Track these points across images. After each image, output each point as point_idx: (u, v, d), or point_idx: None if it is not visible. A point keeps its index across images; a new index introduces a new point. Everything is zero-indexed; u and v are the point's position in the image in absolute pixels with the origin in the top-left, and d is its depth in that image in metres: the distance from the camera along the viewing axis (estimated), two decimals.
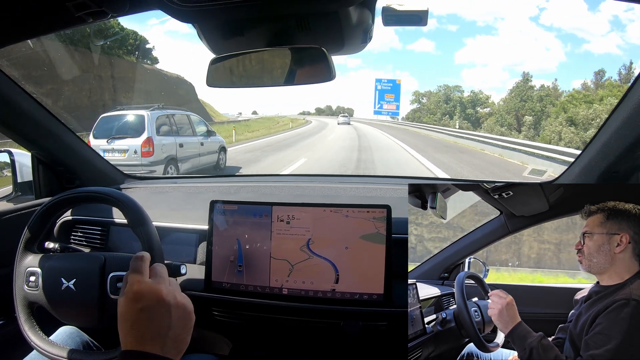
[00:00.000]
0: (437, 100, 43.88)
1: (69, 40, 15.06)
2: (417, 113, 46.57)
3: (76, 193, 1.00)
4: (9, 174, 1.44)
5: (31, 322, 0.97)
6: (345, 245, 0.99)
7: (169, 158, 6.33)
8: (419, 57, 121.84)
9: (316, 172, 8.10)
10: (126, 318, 0.55)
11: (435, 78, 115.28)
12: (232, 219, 1.05)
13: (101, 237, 1.27)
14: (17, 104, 1.13)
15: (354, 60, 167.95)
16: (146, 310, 0.55)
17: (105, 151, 5.83)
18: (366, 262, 0.98)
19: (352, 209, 0.99)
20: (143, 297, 0.56)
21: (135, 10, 0.81)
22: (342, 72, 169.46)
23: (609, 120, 0.98)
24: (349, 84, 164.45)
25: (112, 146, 6.02)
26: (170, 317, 0.55)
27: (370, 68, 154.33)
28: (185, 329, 0.57)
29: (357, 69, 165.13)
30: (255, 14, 0.75)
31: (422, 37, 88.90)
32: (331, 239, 1.00)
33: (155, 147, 6.05)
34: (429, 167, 8.88)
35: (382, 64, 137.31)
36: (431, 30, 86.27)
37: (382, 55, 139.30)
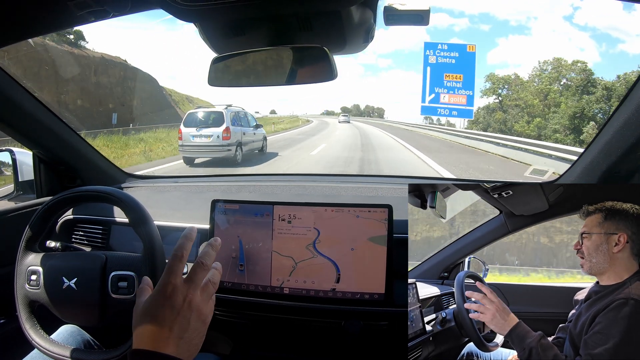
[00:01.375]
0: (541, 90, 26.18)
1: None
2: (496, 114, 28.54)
3: (77, 192, 1.01)
4: (10, 173, 1.44)
5: (32, 320, 0.97)
6: (351, 247, 0.99)
7: (237, 142, 8.76)
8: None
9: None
10: (148, 313, 0.56)
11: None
12: (233, 218, 1.05)
13: (102, 236, 1.27)
14: (19, 102, 1.13)
15: (385, 60, 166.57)
16: (171, 310, 0.56)
17: (195, 136, 8.55)
18: (367, 262, 0.98)
19: (358, 209, 1.00)
20: (173, 297, 0.56)
21: (136, 9, 0.81)
22: (373, 72, 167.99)
23: (610, 120, 0.98)
24: (379, 84, 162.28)
25: (200, 132, 8.56)
26: (190, 321, 0.56)
27: (402, 68, 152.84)
28: (199, 335, 0.58)
29: (387, 69, 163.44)
30: (257, 14, 0.75)
31: (454, 36, 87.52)
32: (338, 239, 1.00)
33: (231, 134, 8.56)
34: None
35: (413, 64, 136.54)
36: (463, 29, 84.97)
37: (414, 55, 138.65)
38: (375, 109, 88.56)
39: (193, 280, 0.59)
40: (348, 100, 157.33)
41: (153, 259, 0.93)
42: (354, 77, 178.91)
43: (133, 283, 0.96)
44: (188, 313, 0.56)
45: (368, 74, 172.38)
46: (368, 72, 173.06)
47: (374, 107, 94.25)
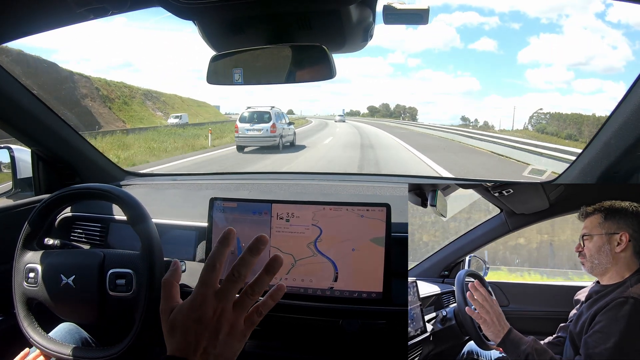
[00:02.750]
0: None
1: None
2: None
3: (76, 189, 1.00)
4: (9, 171, 1.44)
5: (30, 318, 0.97)
6: (352, 247, 0.99)
7: (280, 135, 11.71)
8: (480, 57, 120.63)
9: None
10: (178, 325, 0.54)
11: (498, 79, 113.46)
12: (231, 217, 1.05)
13: (101, 233, 1.27)
14: (17, 100, 1.12)
15: (414, 60, 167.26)
16: (198, 323, 0.53)
17: (248, 130, 11.47)
18: (365, 261, 0.98)
19: (356, 207, 0.99)
20: (201, 310, 0.53)
21: (135, 7, 0.81)
22: (403, 72, 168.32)
23: (609, 120, 0.98)
24: (409, 84, 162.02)
25: (253, 127, 11.50)
26: (219, 336, 0.53)
27: (432, 68, 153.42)
28: (232, 351, 0.54)
29: (417, 69, 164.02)
30: (256, 12, 0.75)
31: (484, 35, 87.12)
32: (340, 238, 0.99)
33: (276, 129, 11.52)
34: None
35: (443, 64, 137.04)
36: (493, 28, 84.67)
37: (443, 54, 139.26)
38: (407, 109, 79.37)
39: (226, 295, 0.55)
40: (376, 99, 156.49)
41: (151, 257, 0.93)
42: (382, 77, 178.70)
43: (131, 280, 0.96)
44: (218, 327, 0.53)
45: (398, 74, 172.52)
46: (398, 72, 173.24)
47: (406, 106, 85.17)
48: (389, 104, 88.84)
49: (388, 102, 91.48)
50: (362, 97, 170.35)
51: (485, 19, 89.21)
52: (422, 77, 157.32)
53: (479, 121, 23.03)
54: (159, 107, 30.25)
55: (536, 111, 30.56)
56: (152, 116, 27.60)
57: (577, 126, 31.57)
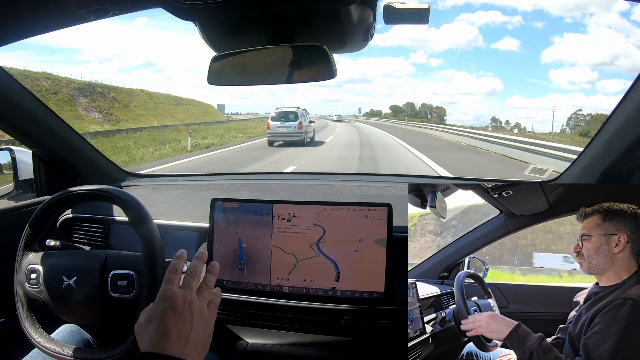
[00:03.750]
0: None
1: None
2: None
3: (77, 191, 1.00)
4: (10, 172, 1.44)
5: (32, 319, 0.97)
6: (355, 249, 0.99)
7: (305, 131, 13.49)
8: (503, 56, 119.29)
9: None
10: (152, 319, 0.61)
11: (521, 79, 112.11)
12: (232, 217, 1.05)
13: (102, 235, 1.27)
14: (18, 101, 1.13)
15: (436, 60, 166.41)
16: (172, 309, 0.60)
17: (279, 127, 13.21)
18: (367, 261, 0.98)
19: (357, 207, 0.99)
20: (171, 299, 0.61)
21: (136, 8, 0.81)
22: (425, 72, 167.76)
23: (610, 119, 0.98)
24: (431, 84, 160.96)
25: (283, 125, 13.24)
26: (193, 321, 0.61)
27: (454, 68, 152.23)
28: (205, 334, 0.63)
29: (439, 69, 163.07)
30: (257, 12, 0.75)
31: (507, 34, 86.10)
32: (344, 239, 1.00)
33: (303, 126, 13.33)
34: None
35: (465, 64, 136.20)
36: (516, 27, 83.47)
37: (466, 54, 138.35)
38: (433, 109, 69.33)
39: (188, 285, 0.64)
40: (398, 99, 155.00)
41: (153, 258, 0.93)
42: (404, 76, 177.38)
43: (133, 282, 0.96)
44: (189, 314, 0.61)
45: (420, 73, 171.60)
46: (420, 72, 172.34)
47: (432, 105, 75.16)
48: (414, 103, 78.82)
49: (413, 101, 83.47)
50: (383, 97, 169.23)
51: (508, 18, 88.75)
52: (444, 77, 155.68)
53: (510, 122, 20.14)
54: (100, 105, 23.52)
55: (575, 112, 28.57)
56: (82, 118, 21.07)
57: None
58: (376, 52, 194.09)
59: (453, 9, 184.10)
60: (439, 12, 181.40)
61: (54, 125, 1.26)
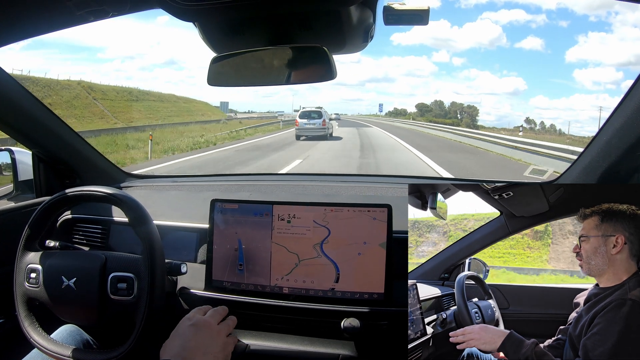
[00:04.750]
0: None
1: None
2: None
3: (77, 192, 1.00)
4: (10, 173, 1.44)
5: (31, 318, 0.97)
6: (358, 251, 0.99)
7: (327, 127, 16.17)
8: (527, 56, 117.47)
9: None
10: (178, 334, 0.79)
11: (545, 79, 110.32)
12: (232, 218, 1.05)
13: (102, 235, 1.27)
14: (18, 102, 1.12)
15: (459, 59, 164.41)
16: (194, 327, 0.79)
17: (306, 124, 15.63)
18: (367, 261, 0.98)
19: (357, 208, 0.99)
20: (195, 319, 0.82)
21: (136, 9, 0.81)
22: (448, 71, 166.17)
23: (610, 120, 0.98)
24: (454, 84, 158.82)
25: (309, 122, 15.77)
26: (212, 342, 0.78)
27: (477, 67, 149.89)
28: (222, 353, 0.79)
29: (462, 68, 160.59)
30: (256, 13, 0.75)
31: (531, 34, 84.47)
32: (348, 241, 0.99)
33: (326, 123, 16.03)
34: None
35: (489, 63, 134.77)
36: (540, 26, 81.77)
37: (489, 53, 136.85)
38: (464, 108, 57.82)
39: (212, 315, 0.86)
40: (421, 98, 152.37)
41: (153, 259, 0.93)
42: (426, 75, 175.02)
43: (132, 285, 0.95)
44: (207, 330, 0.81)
45: (442, 72, 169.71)
46: (442, 71, 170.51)
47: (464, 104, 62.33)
48: (443, 101, 67.81)
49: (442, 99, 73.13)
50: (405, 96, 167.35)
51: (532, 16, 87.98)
52: (466, 77, 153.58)
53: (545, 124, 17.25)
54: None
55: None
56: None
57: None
58: (399, 51, 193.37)
59: (476, 7, 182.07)
60: (461, 10, 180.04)
61: (53, 126, 1.26)
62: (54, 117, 1.25)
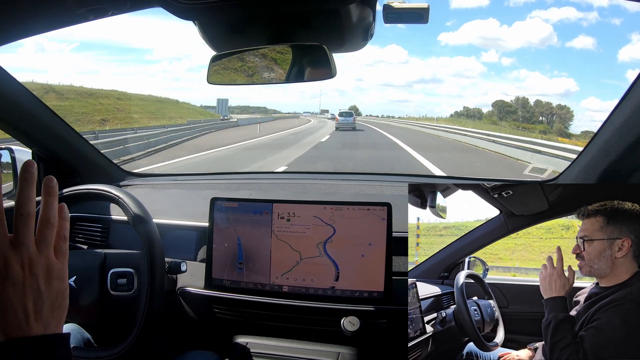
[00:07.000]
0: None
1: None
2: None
3: (77, 190, 1.01)
4: (10, 171, 1.44)
5: None
6: (362, 253, 0.99)
7: (356, 123, 24.09)
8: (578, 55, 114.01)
9: None
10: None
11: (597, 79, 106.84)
12: (232, 217, 1.05)
13: (101, 234, 1.27)
14: (17, 100, 1.12)
15: (508, 59, 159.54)
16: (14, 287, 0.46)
17: (343, 120, 23.19)
18: (366, 260, 0.98)
19: (357, 207, 1.00)
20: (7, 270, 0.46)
21: (135, 7, 0.80)
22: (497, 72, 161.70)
23: (609, 118, 0.98)
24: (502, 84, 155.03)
25: (344, 119, 23.18)
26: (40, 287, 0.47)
27: (527, 67, 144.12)
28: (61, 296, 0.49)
29: (511, 69, 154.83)
30: (256, 12, 0.75)
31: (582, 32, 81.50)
32: (352, 242, 1.00)
33: (355, 120, 24.48)
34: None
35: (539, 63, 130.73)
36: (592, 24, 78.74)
37: (540, 53, 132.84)
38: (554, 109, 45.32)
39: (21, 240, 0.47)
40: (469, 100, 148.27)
41: (152, 257, 0.93)
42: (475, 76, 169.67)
43: (132, 280, 0.96)
44: (34, 280, 0.47)
45: (491, 73, 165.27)
46: (491, 72, 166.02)
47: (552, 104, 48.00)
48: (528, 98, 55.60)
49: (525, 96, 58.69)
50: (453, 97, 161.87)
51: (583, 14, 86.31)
52: (516, 77, 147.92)
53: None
54: None
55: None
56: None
57: None
58: (447, 52, 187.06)
59: (525, 6, 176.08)
60: (510, 8, 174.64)
61: (53, 124, 1.26)
62: (54, 115, 1.25)
